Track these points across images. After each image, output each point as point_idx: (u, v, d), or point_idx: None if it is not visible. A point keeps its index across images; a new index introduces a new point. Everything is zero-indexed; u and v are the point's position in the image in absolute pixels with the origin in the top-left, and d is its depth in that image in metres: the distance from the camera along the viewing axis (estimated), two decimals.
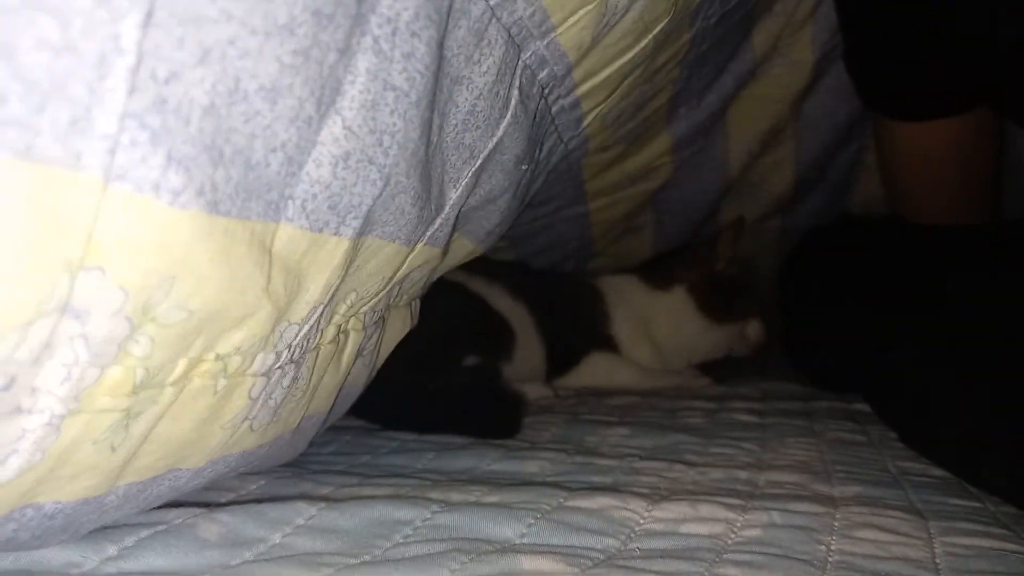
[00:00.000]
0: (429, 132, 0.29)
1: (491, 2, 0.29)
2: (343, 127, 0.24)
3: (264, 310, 0.24)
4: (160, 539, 0.29)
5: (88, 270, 0.19)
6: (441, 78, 0.28)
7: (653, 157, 0.71)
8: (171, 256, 0.20)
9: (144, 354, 0.21)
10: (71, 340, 0.19)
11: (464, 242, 0.42)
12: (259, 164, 0.22)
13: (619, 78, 0.43)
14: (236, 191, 0.21)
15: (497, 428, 0.51)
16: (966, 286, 0.50)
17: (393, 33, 0.24)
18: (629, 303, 0.77)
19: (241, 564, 0.28)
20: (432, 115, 0.28)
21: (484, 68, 0.31)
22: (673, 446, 0.48)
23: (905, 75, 0.58)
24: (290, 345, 0.28)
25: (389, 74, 0.25)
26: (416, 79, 0.26)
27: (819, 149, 0.80)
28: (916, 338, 0.51)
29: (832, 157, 0.82)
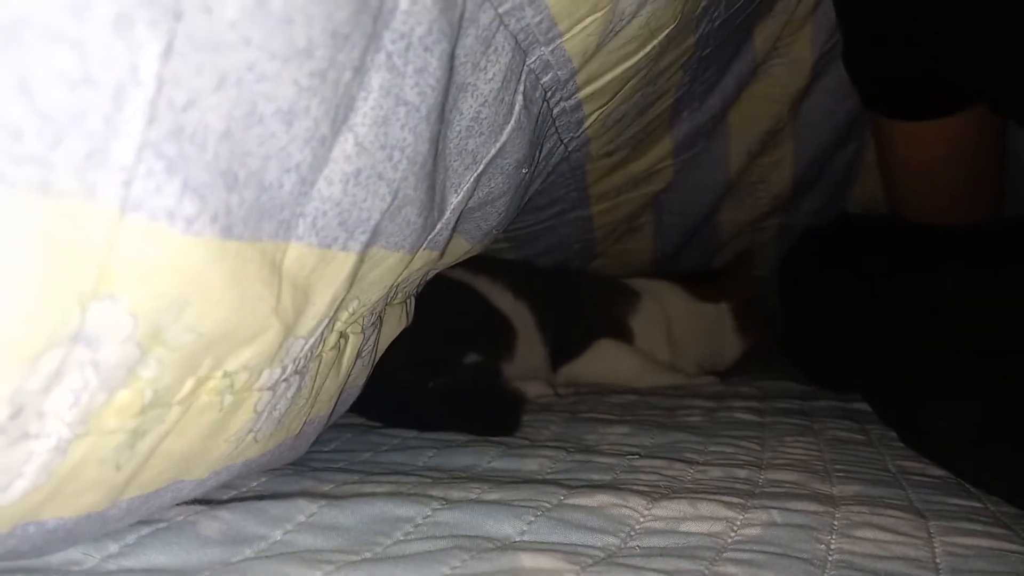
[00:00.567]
0: (437, 143, 0.28)
1: (500, 10, 0.29)
2: (355, 144, 0.24)
3: (273, 329, 0.24)
4: (161, 536, 0.28)
5: (100, 299, 0.18)
6: (448, 86, 0.28)
7: (656, 160, 0.71)
8: (183, 283, 0.20)
9: (153, 376, 0.21)
10: (81, 367, 0.19)
11: (460, 242, 0.42)
12: (272, 185, 0.21)
13: (622, 82, 0.43)
14: (249, 214, 0.21)
15: (496, 426, 0.51)
16: (965, 285, 0.50)
17: (407, 48, 0.24)
18: (662, 303, 0.80)
19: (242, 561, 0.28)
20: (441, 127, 0.28)
21: (490, 75, 0.30)
22: (673, 444, 0.48)
23: (904, 74, 0.58)
24: (296, 358, 0.27)
25: (401, 89, 0.24)
26: (427, 93, 0.25)
27: (818, 148, 0.80)
28: (915, 337, 0.51)
29: (831, 156, 0.82)
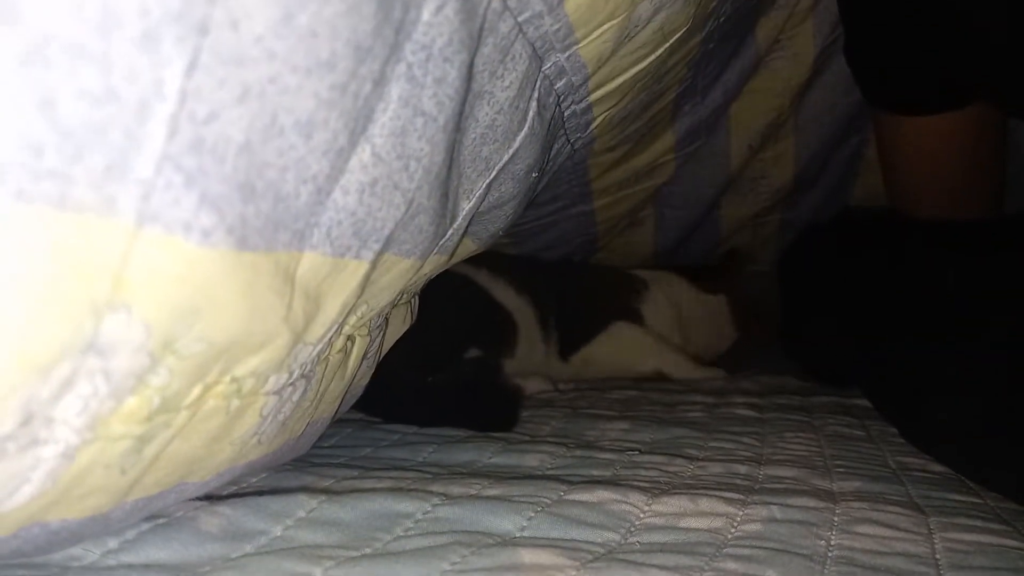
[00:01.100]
0: (452, 152, 0.28)
1: (520, 19, 0.29)
2: (372, 154, 0.23)
3: (283, 336, 0.24)
4: (161, 532, 0.28)
5: (114, 310, 0.18)
6: (465, 96, 0.28)
7: (658, 154, 0.70)
8: (197, 294, 0.20)
9: (162, 384, 0.21)
10: (92, 375, 0.19)
11: (468, 243, 0.42)
12: (289, 196, 0.21)
13: (632, 84, 0.43)
14: (265, 225, 0.21)
15: (494, 421, 0.51)
16: (966, 279, 0.50)
17: (427, 59, 0.24)
18: (669, 292, 0.81)
19: (242, 557, 0.28)
20: (457, 135, 0.28)
21: (507, 83, 0.30)
22: (673, 440, 0.48)
23: (906, 68, 0.57)
24: (303, 364, 0.27)
25: (420, 100, 0.24)
26: (445, 103, 0.25)
27: (819, 143, 0.80)
28: (916, 333, 0.51)
29: (832, 151, 0.82)
